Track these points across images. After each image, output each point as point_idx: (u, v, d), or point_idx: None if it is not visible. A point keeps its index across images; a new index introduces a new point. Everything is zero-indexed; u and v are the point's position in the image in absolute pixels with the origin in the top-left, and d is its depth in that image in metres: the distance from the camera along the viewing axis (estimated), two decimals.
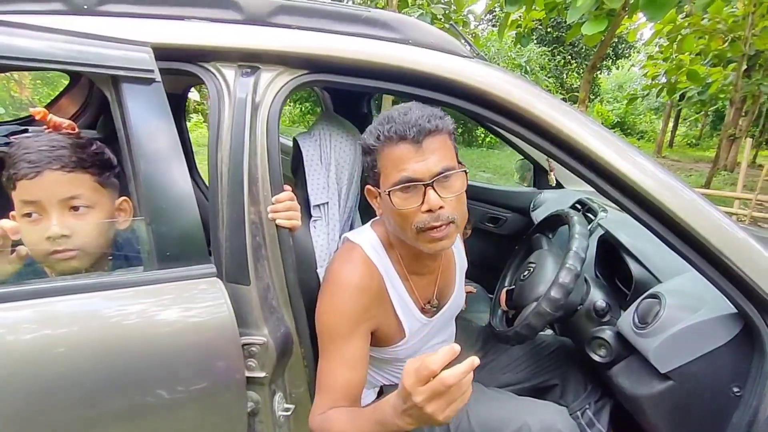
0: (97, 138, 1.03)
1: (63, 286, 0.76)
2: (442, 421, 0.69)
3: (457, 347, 0.68)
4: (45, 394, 0.72)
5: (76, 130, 1.34)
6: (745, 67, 9.12)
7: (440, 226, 0.90)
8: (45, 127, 1.34)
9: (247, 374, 0.89)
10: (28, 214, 0.85)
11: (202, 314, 0.83)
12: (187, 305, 0.83)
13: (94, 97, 1.62)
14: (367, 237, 1.04)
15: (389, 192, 0.89)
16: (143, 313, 0.80)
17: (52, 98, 1.68)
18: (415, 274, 1.07)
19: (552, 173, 2.23)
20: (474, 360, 0.66)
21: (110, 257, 0.93)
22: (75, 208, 0.87)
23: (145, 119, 0.83)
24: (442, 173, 0.88)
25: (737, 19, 8.46)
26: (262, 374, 0.92)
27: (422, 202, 0.88)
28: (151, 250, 0.82)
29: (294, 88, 0.95)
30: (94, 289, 0.78)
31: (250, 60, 0.94)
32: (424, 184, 0.87)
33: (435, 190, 0.87)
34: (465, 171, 0.93)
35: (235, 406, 0.88)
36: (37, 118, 1.30)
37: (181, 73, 0.93)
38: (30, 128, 1.49)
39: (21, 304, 0.73)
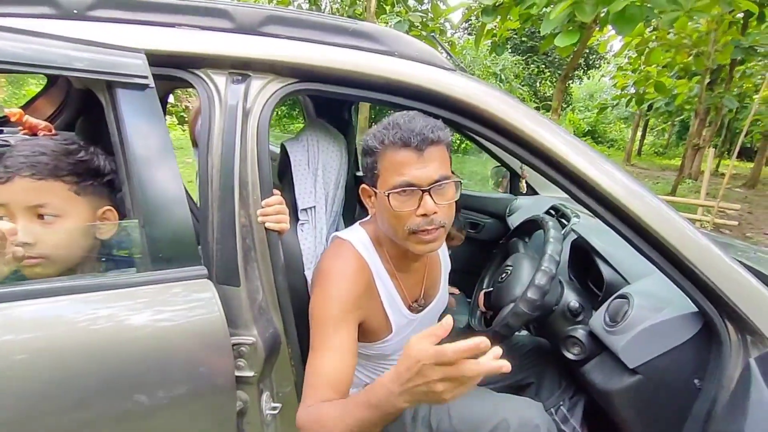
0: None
1: (51, 288, 0.77)
2: (448, 399, 0.69)
3: (481, 341, 0.65)
4: (35, 398, 0.72)
5: (53, 131, 1.33)
6: (708, 80, 9.53)
7: (432, 229, 0.95)
8: (20, 128, 1.33)
9: (237, 374, 0.91)
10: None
11: (194, 315, 0.85)
12: (179, 307, 0.85)
13: (71, 98, 1.61)
14: (356, 234, 1.08)
15: (388, 194, 0.93)
16: (135, 315, 0.81)
17: (28, 99, 1.67)
18: (402, 273, 1.11)
19: (523, 180, 2.31)
20: (497, 350, 0.67)
21: (103, 259, 0.94)
22: (41, 217, 0.86)
23: (139, 124, 0.85)
24: (439, 181, 0.93)
25: (701, 35, 8.85)
26: (251, 374, 0.94)
27: (418, 207, 0.93)
28: (144, 252, 0.84)
29: (283, 96, 0.98)
30: (86, 290, 0.79)
31: (241, 68, 0.96)
32: (421, 190, 0.92)
33: (431, 196, 0.93)
34: (459, 181, 0.98)
35: (224, 406, 0.90)
36: (12, 119, 1.29)
37: (172, 79, 0.95)
38: (4, 129, 1.49)
39: (15, 304, 0.73)
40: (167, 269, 0.85)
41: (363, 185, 1.03)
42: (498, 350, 0.68)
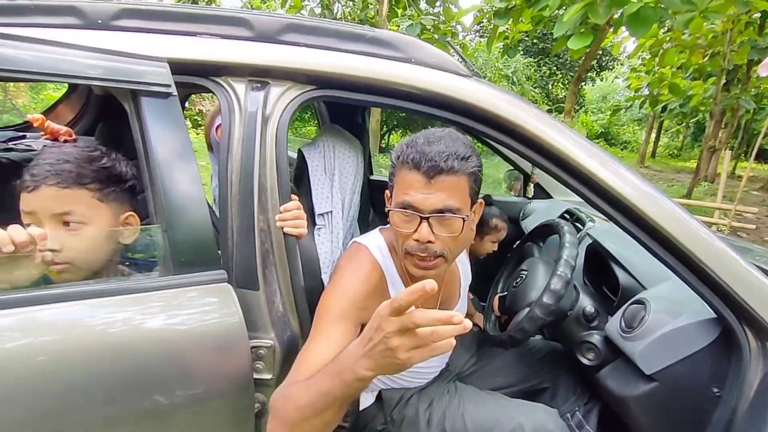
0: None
1: (79, 291, 0.80)
2: (402, 360, 0.65)
3: (454, 315, 0.62)
4: (67, 394, 0.75)
5: (73, 136, 1.36)
6: (724, 81, 9.40)
7: (426, 257, 0.94)
8: (42, 133, 1.36)
9: (255, 376, 0.93)
10: (28, 224, 0.87)
11: (214, 318, 0.87)
12: (200, 309, 0.86)
13: (91, 104, 1.65)
14: (374, 239, 1.08)
15: (389, 210, 0.95)
16: (157, 318, 0.83)
17: (50, 105, 1.71)
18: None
19: (531, 184, 2.30)
20: (456, 316, 0.62)
21: (126, 263, 0.96)
22: (67, 223, 0.89)
23: (163, 131, 0.87)
24: (441, 212, 0.90)
25: (716, 35, 8.73)
26: (269, 376, 0.95)
27: (414, 230, 0.92)
28: (167, 256, 0.86)
29: (302, 102, 0.99)
30: (110, 294, 0.82)
31: (260, 75, 0.98)
32: (420, 216, 0.90)
33: (429, 225, 0.90)
34: (463, 218, 0.91)
35: (243, 407, 0.92)
36: (35, 125, 1.33)
37: (194, 86, 0.97)
38: (27, 134, 1.53)
39: (48, 306, 0.76)
40: (189, 273, 0.87)
41: (386, 191, 1.04)
42: (457, 315, 0.62)
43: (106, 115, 1.56)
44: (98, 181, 0.92)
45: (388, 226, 1.11)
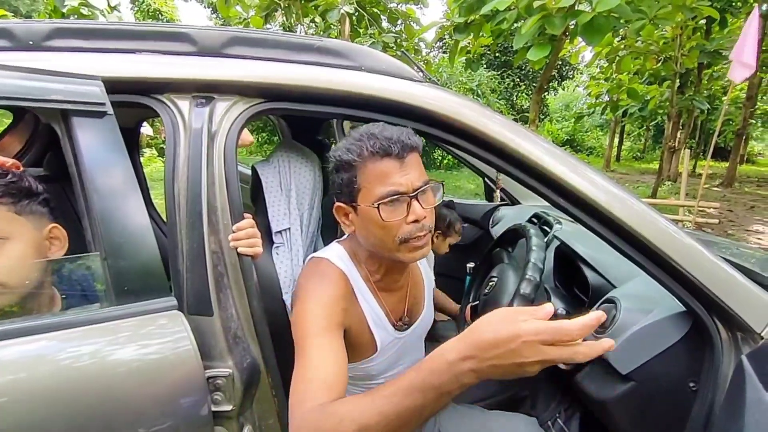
0: (44, 174, 0.99)
1: (6, 330, 0.73)
2: (532, 370, 0.62)
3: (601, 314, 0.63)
4: None
5: (21, 168, 1.29)
6: (678, 84, 9.82)
7: (423, 235, 0.94)
8: None
9: (214, 408, 0.87)
10: None
11: (164, 350, 0.81)
12: (147, 341, 0.80)
13: (39, 134, 1.57)
14: (333, 251, 1.04)
15: (378, 205, 0.90)
16: (100, 353, 0.77)
17: None
18: (384, 291, 1.07)
19: (497, 191, 2.33)
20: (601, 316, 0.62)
21: (63, 296, 0.89)
22: None
23: (98, 153, 0.82)
24: (423, 186, 0.92)
25: (667, 41, 9.15)
26: (229, 407, 0.89)
27: (407, 214, 0.92)
28: (108, 285, 0.80)
29: (250, 117, 0.95)
30: (46, 329, 0.75)
31: (205, 90, 0.94)
32: (409, 197, 0.91)
33: (419, 202, 0.92)
34: (441, 183, 0.98)
35: None
36: None
37: (134, 105, 0.92)
38: None
39: None
40: (133, 302, 0.81)
41: (337, 203, 0.99)
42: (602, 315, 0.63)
43: (54, 144, 1.48)
44: (9, 195, 0.86)
45: (345, 237, 1.07)
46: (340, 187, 0.97)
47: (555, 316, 1.16)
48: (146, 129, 8.50)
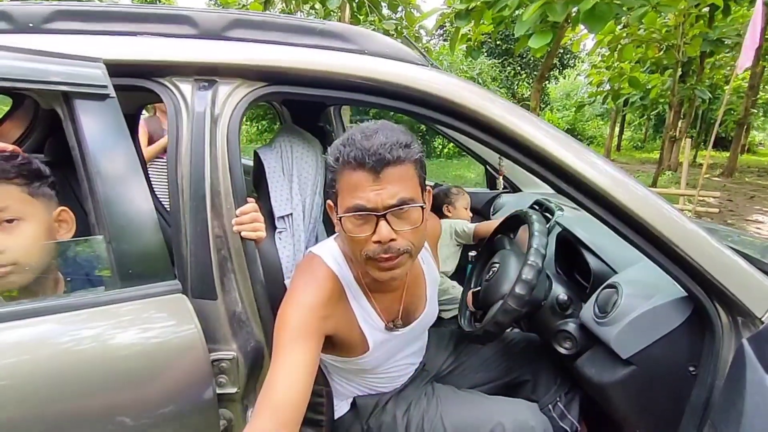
0: (45, 160, 0.98)
1: (12, 312, 0.73)
2: None
3: None
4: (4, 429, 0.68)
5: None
6: (680, 73, 9.76)
7: (390, 257, 0.86)
8: None
9: (219, 391, 0.87)
10: None
11: (168, 333, 0.81)
12: (152, 324, 0.81)
13: (39, 119, 1.56)
14: (328, 249, 1.01)
15: (341, 217, 0.87)
16: (105, 336, 0.77)
17: None
18: (376, 292, 1.04)
19: (500, 178, 2.32)
20: None
21: (68, 279, 0.89)
22: (5, 221, 0.83)
23: (101, 135, 0.81)
24: (397, 206, 0.84)
25: (670, 29, 9.07)
26: (234, 390, 0.90)
27: (373, 232, 0.85)
28: (113, 268, 0.80)
29: (253, 100, 0.95)
30: (51, 311, 0.75)
31: (207, 74, 0.93)
32: (376, 215, 0.84)
33: (388, 222, 0.84)
34: (422, 206, 0.87)
35: (208, 426, 0.86)
36: None
37: (136, 89, 0.92)
38: None
39: None
40: (137, 285, 0.81)
41: (328, 201, 0.96)
42: None
43: (55, 130, 1.47)
44: (23, 176, 0.86)
45: None
46: (329, 185, 0.94)
47: (557, 302, 1.20)
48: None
